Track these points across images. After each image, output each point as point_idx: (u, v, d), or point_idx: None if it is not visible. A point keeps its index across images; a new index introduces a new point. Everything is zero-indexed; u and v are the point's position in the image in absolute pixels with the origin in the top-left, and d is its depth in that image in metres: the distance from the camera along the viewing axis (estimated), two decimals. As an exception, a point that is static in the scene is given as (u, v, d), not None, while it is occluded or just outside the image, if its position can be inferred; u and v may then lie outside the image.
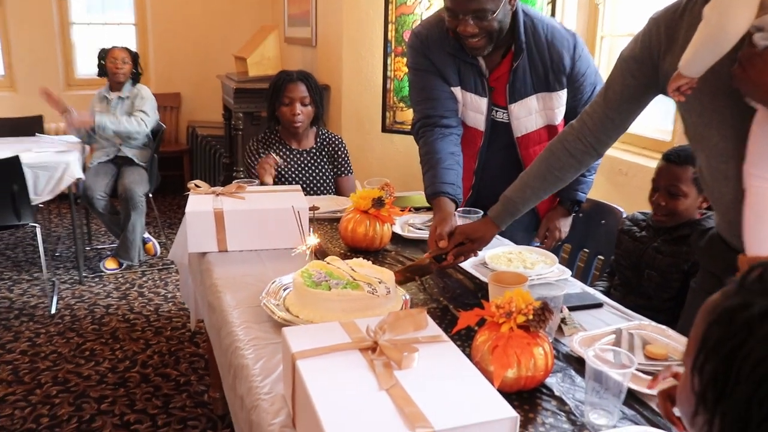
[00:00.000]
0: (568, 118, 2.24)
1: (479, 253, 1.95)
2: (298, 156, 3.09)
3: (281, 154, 3.08)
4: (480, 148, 2.32)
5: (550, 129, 2.28)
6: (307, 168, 3.08)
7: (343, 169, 3.15)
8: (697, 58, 1.35)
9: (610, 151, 3.58)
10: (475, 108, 2.26)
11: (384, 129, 4.00)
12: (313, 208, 2.51)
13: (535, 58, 2.17)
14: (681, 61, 1.38)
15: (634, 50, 1.65)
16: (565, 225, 2.45)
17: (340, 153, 3.16)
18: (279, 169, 3.01)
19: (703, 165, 1.61)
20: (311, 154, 3.11)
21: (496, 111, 2.28)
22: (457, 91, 2.25)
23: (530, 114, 2.25)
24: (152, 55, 6.29)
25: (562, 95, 2.22)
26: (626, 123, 1.77)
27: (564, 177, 1.85)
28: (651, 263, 2.19)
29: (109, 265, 4.37)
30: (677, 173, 2.15)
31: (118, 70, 4.41)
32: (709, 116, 1.50)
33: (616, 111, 1.73)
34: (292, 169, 3.06)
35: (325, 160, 3.12)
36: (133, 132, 4.34)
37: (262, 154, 3.07)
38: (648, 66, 1.62)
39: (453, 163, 2.17)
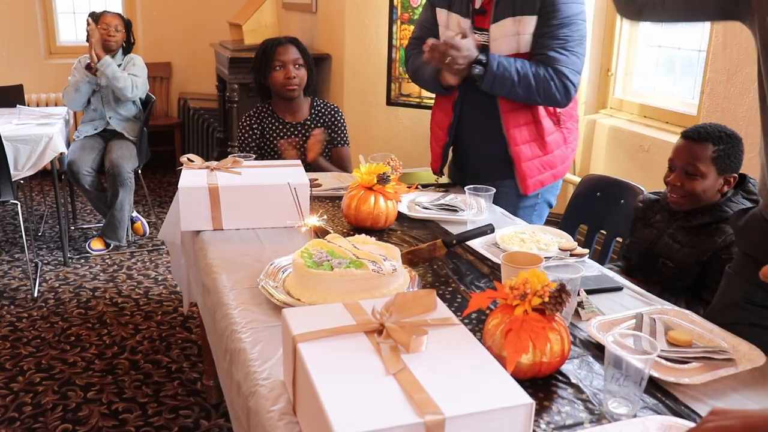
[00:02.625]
0: (532, 51, 2.43)
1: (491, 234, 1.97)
2: (293, 129, 3.10)
3: (275, 128, 3.08)
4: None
5: (520, 57, 2.42)
6: (302, 141, 3.08)
7: (339, 139, 3.16)
8: None
9: (630, 126, 3.60)
10: (458, 29, 2.48)
11: (389, 102, 3.99)
12: (314, 184, 2.51)
13: None
14: None
15: None
16: (464, 56, 2.37)
17: (336, 123, 3.17)
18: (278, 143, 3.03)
19: None
20: (306, 127, 3.12)
21: (480, 34, 2.49)
22: (443, 13, 2.58)
23: (505, 36, 2.43)
24: (140, 22, 6.26)
25: (532, 21, 2.39)
26: (681, 5, 1.71)
27: None
28: (667, 253, 2.16)
29: (96, 245, 4.39)
30: (696, 151, 2.11)
31: (110, 38, 4.39)
32: None
33: None
34: (292, 145, 3.07)
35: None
36: (127, 87, 4.33)
37: (256, 131, 3.08)
38: None
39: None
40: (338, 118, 3.19)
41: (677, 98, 3.54)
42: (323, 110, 3.18)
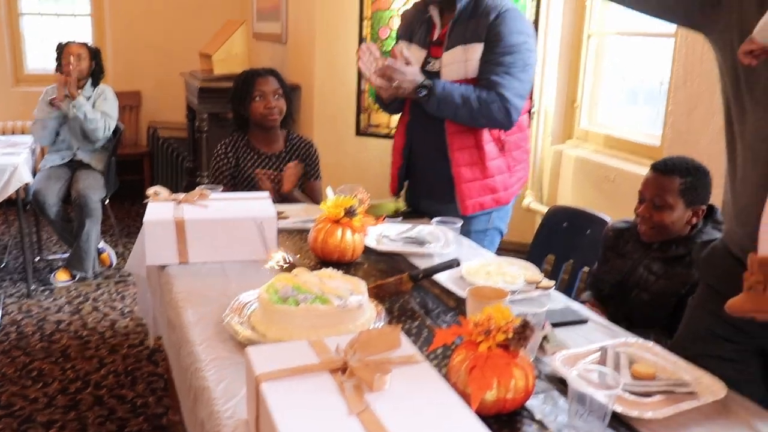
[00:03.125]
0: (479, 78, 2.56)
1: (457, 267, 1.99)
2: (267, 160, 3.12)
3: (250, 158, 3.09)
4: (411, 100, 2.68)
5: (467, 83, 2.56)
6: (277, 173, 3.09)
7: (313, 173, 3.20)
8: None
9: (597, 157, 3.65)
10: (414, 59, 2.61)
11: (358, 132, 4.01)
12: (282, 217, 2.51)
13: (472, 16, 2.57)
14: (758, 24, 1.38)
15: None
16: (409, 80, 2.53)
17: (310, 156, 3.21)
18: (252, 173, 3.04)
19: (738, 142, 1.60)
20: (281, 159, 3.14)
21: (434, 62, 2.67)
22: (403, 45, 2.74)
23: (455, 62, 2.59)
24: (110, 50, 6.24)
25: (479, 48, 2.54)
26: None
27: None
28: (642, 284, 2.18)
29: (61, 277, 4.33)
30: (664, 183, 2.15)
31: (72, 68, 4.36)
32: (761, 91, 1.50)
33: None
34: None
35: None
36: (99, 128, 4.32)
37: (231, 159, 3.08)
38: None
39: None
40: (312, 152, 3.23)
41: (641, 130, 3.60)
42: (298, 143, 3.21)
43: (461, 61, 2.58)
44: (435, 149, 2.66)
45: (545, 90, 3.92)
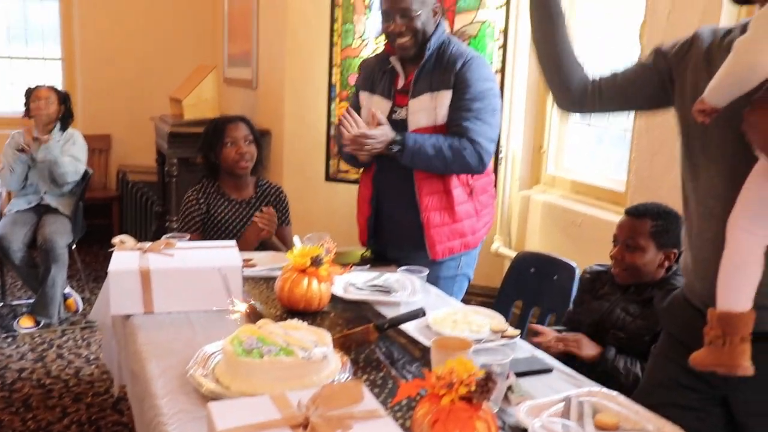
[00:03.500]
0: (448, 124, 2.61)
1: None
2: (238, 206, 3.13)
3: (220, 204, 3.10)
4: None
5: (435, 129, 2.61)
6: (246, 219, 3.10)
7: (282, 219, 3.21)
8: (721, 88, 1.41)
9: (563, 202, 3.69)
10: (378, 110, 2.67)
11: (327, 177, 4.03)
12: (248, 265, 2.51)
13: (438, 63, 2.63)
14: (707, 87, 1.43)
15: (668, 46, 1.70)
16: (379, 140, 2.57)
17: (281, 202, 3.23)
18: (223, 220, 3.04)
19: (691, 197, 1.65)
20: (251, 205, 3.15)
21: (400, 111, 2.70)
22: (365, 96, 2.82)
23: (422, 110, 2.63)
24: (80, 94, 6.23)
25: (447, 95, 2.60)
26: (621, 99, 1.81)
27: (567, 56, 1.85)
28: (619, 324, 2.22)
29: (25, 323, 4.25)
30: (635, 226, 2.23)
31: (40, 112, 4.36)
32: (713, 148, 1.56)
33: (627, 79, 1.77)
34: (232, 220, 3.09)
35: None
36: (68, 173, 4.30)
37: (202, 206, 3.09)
38: (669, 67, 1.67)
39: None
40: (282, 197, 3.26)
41: (607, 175, 3.66)
42: (268, 189, 3.23)
43: (429, 108, 2.62)
44: (403, 195, 2.68)
45: (513, 136, 3.98)
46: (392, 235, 2.81)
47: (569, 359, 2.19)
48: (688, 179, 1.65)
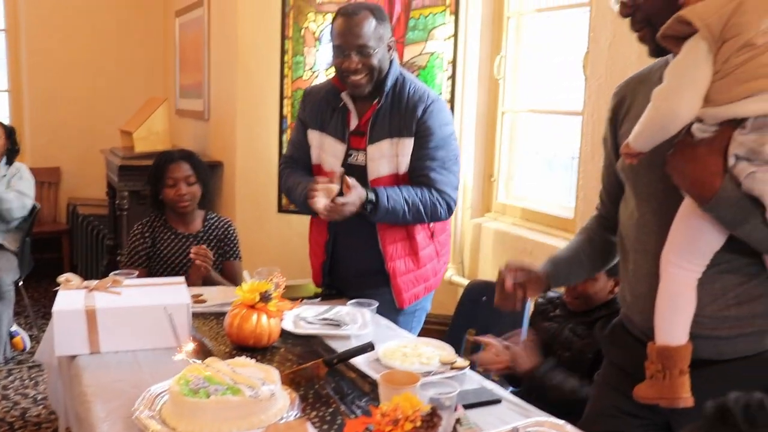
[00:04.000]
0: (412, 173, 2.55)
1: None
2: (184, 240, 3.11)
3: (166, 238, 3.08)
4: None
5: (398, 177, 2.56)
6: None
7: (230, 253, 3.19)
8: (643, 135, 1.46)
9: (514, 230, 3.74)
10: (333, 152, 2.62)
11: (280, 209, 4.02)
12: (198, 301, 2.49)
13: (395, 106, 2.54)
14: (631, 133, 1.48)
15: (605, 128, 1.78)
16: (353, 204, 2.43)
17: (228, 237, 3.21)
18: (169, 254, 3.02)
19: (626, 235, 1.69)
20: (198, 239, 3.13)
21: (357, 155, 2.61)
22: (315, 135, 2.67)
23: (383, 157, 2.55)
24: (28, 126, 6.15)
25: (409, 143, 2.53)
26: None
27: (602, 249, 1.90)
28: (566, 344, 2.27)
29: (-31, 363, 4.16)
30: None
31: None
32: (643, 188, 1.61)
33: (612, 195, 1.81)
34: (178, 254, 3.07)
35: (212, 244, 3.14)
36: (14, 208, 4.21)
37: (147, 240, 3.07)
38: (615, 140, 1.73)
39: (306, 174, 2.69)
40: (230, 231, 3.23)
41: (555, 202, 3.72)
42: (216, 223, 3.22)
43: (390, 156, 2.54)
44: (364, 242, 2.61)
45: (463, 165, 4.02)
46: (352, 281, 2.70)
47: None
48: (623, 220, 1.71)
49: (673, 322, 1.50)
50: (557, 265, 1.92)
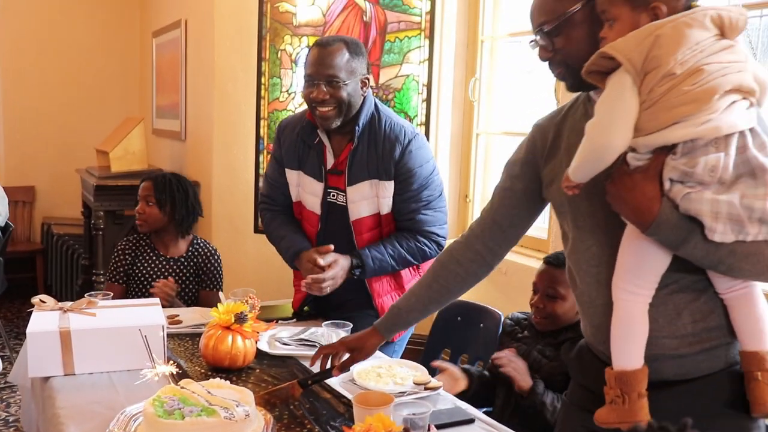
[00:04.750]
0: (397, 216, 2.55)
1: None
2: (165, 264, 3.11)
3: (148, 258, 3.08)
4: (318, 233, 2.64)
5: (379, 217, 2.56)
6: (171, 276, 3.08)
7: (209, 283, 3.16)
8: (581, 167, 1.50)
9: (489, 251, 3.77)
10: (312, 191, 2.61)
11: (257, 230, 4.02)
12: (174, 321, 2.49)
13: (371, 145, 2.50)
14: (570, 167, 1.52)
15: (519, 155, 1.82)
16: (340, 276, 2.49)
17: (209, 266, 3.18)
18: (147, 274, 3.05)
19: (575, 269, 1.73)
20: (179, 263, 3.13)
21: (338, 194, 2.59)
22: (293, 174, 2.65)
23: (364, 199, 2.53)
24: (2, 144, 6.14)
25: (389, 186, 2.50)
26: (516, 232, 1.90)
27: (449, 287, 1.95)
28: (535, 366, 2.28)
29: (-59, 384, 4.10)
30: (555, 275, 2.29)
31: None
32: (585, 220, 1.64)
33: (505, 218, 1.86)
34: (156, 276, 3.08)
35: (191, 270, 3.14)
36: None
37: (128, 257, 3.08)
38: (532, 169, 1.78)
39: (297, 228, 2.70)
40: (213, 261, 3.20)
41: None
42: (201, 250, 3.19)
43: (370, 197, 2.52)
44: (350, 279, 2.55)
45: (439, 186, 4.06)
46: (336, 313, 2.56)
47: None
48: (569, 254, 1.74)
49: (628, 347, 1.54)
50: (395, 316, 2.00)
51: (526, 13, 1.74)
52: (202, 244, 3.23)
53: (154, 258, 3.11)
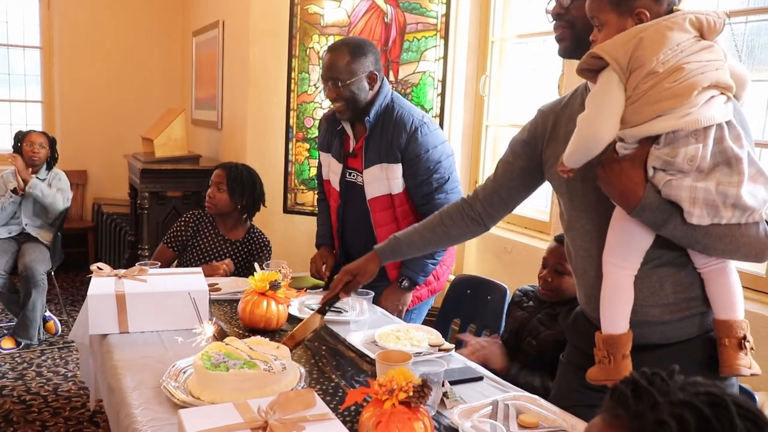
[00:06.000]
0: (415, 201, 2.59)
1: (371, 331, 2.07)
2: (223, 243, 3.15)
3: (208, 235, 3.13)
4: (338, 207, 2.76)
5: (391, 197, 2.60)
6: (226, 257, 3.12)
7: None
8: (573, 155, 1.54)
9: (497, 231, 3.80)
10: (335, 171, 2.73)
11: (285, 210, 4.07)
12: (214, 289, 2.54)
13: (383, 133, 2.55)
14: (565, 153, 1.56)
15: (522, 135, 1.86)
16: (401, 301, 2.61)
17: (261, 255, 3.20)
18: (204, 250, 3.11)
19: (571, 244, 1.76)
20: (235, 246, 3.17)
21: (356, 175, 2.67)
22: (325, 156, 2.81)
23: (375, 180, 2.59)
24: (59, 133, 6.17)
25: (397, 168, 2.54)
26: (512, 202, 1.94)
27: (450, 233, 1.99)
28: (533, 333, 2.31)
29: (6, 344, 4.18)
30: (563, 253, 2.31)
31: (34, 155, 4.35)
32: (579, 200, 1.68)
33: (503, 188, 1.90)
34: (212, 254, 3.13)
35: (244, 255, 3.18)
36: (58, 201, 4.34)
37: (190, 229, 3.13)
38: (532, 150, 1.81)
39: (326, 219, 2.86)
40: (265, 252, 3.22)
41: (533, 207, 3.78)
42: (256, 238, 3.22)
43: (381, 179, 2.57)
44: (368, 233, 2.63)
45: (451, 173, 4.08)
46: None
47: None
48: (566, 230, 1.78)
49: (615, 314, 1.59)
50: (395, 246, 2.05)
51: (532, 17, 1.77)
52: (257, 234, 3.25)
53: (214, 236, 3.15)
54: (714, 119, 1.40)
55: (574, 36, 1.65)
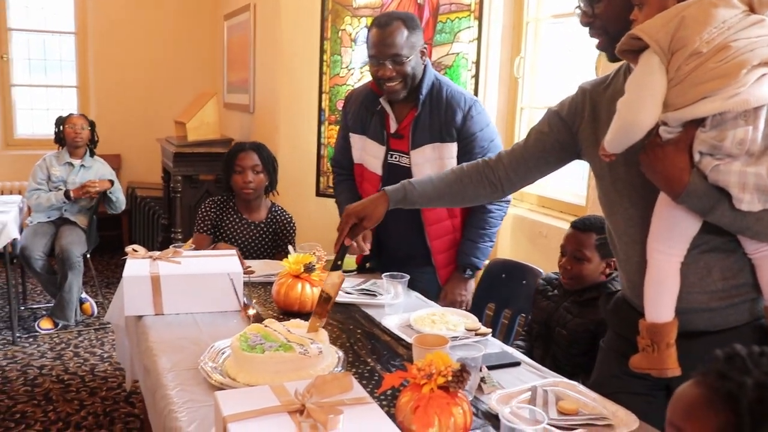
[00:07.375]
0: None
1: (406, 315, 2.04)
2: (247, 227, 3.13)
3: (231, 219, 3.11)
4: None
5: None
6: (252, 239, 3.11)
7: (284, 247, 3.14)
8: (614, 140, 1.48)
9: (531, 215, 3.74)
10: (374, 154, 2.58)
11: (318, 193, 4.05)
12: (248, 272, 2.53)
13: (434, 111, 2.46)
14: (605, 138, 1.50)
15: (561, 108, 1.79)
16: (465, 290, 2.60)
17: (285, 233, 3.18)
18: (229, 233, 3.08)
19: (613, 229, 1.71)
20: (259, 228, 3.14)
21: (400, 157, 2.55)
22: (357, 138, 2.64)
23: (426, 161, 2.48)
24: (94, 117, 6.14)
25: (453, 147, 2.46)
26: (537, 173, 1.88)
27: (465, 193, 1.94)
28: (561, 322, 2.27)
29: (44, 325, 4.25)
30: (581, 239, 2.26)
31: (77, 135, 4.40)
32: (622, 184, 1.62)
33: (532, 157, 1.85)
34: (237, 237, 3.11)
35: (269, 235, 3.15)
36: (123, 203, 4.59)
37: (212, 214, 3.11)
38: (568, 125, 1.76)
39: (353, 196, 2.65)
40: (289, 229, 3.20)
41: (569, 191, 3.72)
42: (278, 217, 3.19)
43: (434, 159, 2.47)
44: (412, 234, 2.59)
45: (485, 156, 4.02)
46: (397, 258, 2.61)
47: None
48: (608, 215, 1.72)
49: (660, 302, 1.53)
50: (407, 192, 1.97)
51: (567, -2, 1.71)
52: (279, 211, 3.22)
53: (237, 220, 3.12)
54: (765, 99, 1.33)
55: (609, 40, 1.58)
